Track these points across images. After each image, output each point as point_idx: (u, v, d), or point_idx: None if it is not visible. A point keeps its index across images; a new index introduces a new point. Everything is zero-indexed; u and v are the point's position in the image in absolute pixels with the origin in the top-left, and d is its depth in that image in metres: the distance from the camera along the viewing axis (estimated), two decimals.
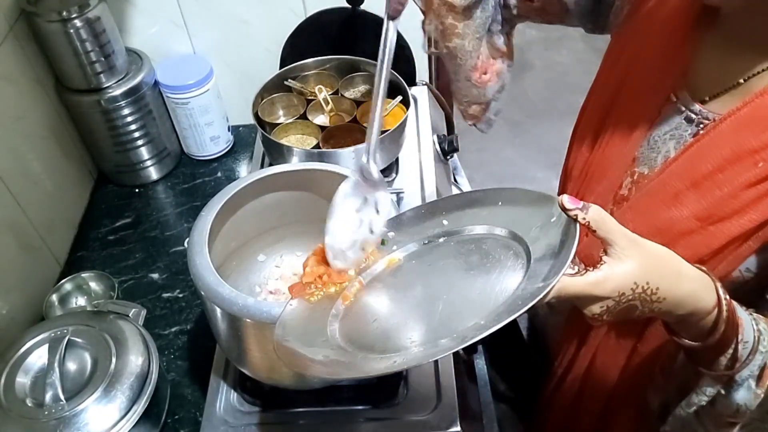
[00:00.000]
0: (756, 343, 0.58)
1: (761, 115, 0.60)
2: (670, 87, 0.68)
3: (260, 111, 1.12)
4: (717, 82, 0.65)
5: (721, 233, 0.61)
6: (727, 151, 0.61)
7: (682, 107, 0.67)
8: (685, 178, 0.64)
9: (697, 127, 0.66)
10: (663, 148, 0.69)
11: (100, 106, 1.15)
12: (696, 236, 0.63)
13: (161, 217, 1.22)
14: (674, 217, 0.64)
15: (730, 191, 0.60)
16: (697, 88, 0.67)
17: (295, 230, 0.94)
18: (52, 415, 0.76)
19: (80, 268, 1.10)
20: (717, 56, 0.66)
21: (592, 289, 0.52)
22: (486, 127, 0.97)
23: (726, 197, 0.61)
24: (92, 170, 1.29)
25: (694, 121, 0.66)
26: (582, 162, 0.78)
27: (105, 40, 1.10)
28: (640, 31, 0.72)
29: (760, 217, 0.59)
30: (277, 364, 0.76)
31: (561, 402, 0.86)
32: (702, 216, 0.62)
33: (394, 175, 1.15)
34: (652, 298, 0.54)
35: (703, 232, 0.62)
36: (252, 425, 0.81)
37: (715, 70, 0.66)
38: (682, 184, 0.64)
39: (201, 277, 0.71)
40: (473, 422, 0.88)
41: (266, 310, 0.68)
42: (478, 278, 0.58)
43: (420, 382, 0.85)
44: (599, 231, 0.53)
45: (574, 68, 2.81)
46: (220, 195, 0.81)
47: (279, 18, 1.24)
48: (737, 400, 0.60)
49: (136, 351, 0.83)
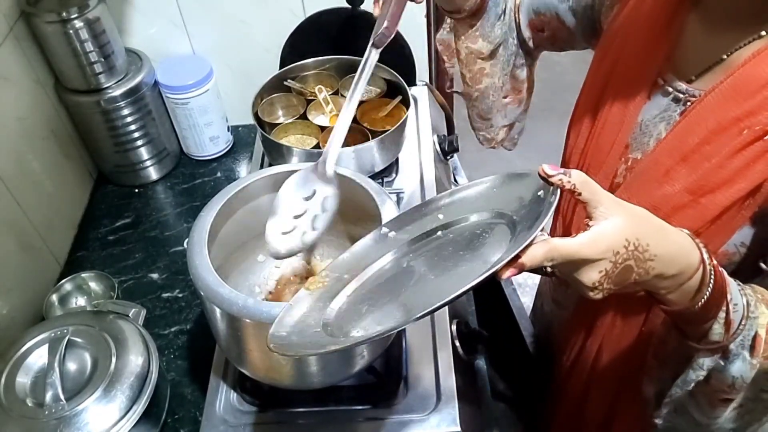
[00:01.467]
0: (745, 309, 0.58)
1: (742, 84, 0.61)
2: (657, 71, 0.69)
3: (260, 111, 1.12)
4: (702, 60, 0.66)
5: (713, 204, 0.63)
6: (712, 122, 0.62)
7: (669, 88, 0.68)
8: (674, 154, 0.65)
9: (685, 105, 0.67)
10: (654, 131, 0.70)
11: (100, 107, 1.15)
12: (689, 210, 0.64)
13: (161, 217, 1.22)
14: (667, 193, 0.65)
15: (718, 161, 0.61)
16: (682, 68, 0.68)
17: None
18: (52, 415, 0.76)
19: (80, 268, 1.10)
20: (700, 36, 0.67)
21: (586, 250, 0.52)
22: (510, 145, 1.01)
23: (714, 168, 0.62)
24: (92, 170, 1.30)
25: (681, 100, 0.67)
26: (578, 154, 0.79)
27: (105, 41, 1.10)
28: (626, 24, 0.74)
29: (749, 185, 0.60)
30: (276, 364, 0.76)
31: (570, 394, 0.88)
32: (693, 189, 0.63)
33: (394, 175, 1.15)
34: (644, 255, 0.54)
35: (695, 205, 0.64)
36: (251, 425, 0.81)
37: (699, 50, 0.67)
38: (672, 160, 0.65)
39: (200, 277, 0.71)
40: (473, 422, 0.88)
41: (266, 310, 0.68)
42: (468, 260, 0.59)
43: (420, 382, 0.85)
44: (584, 193, 0.52)
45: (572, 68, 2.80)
46: (219, 195, 0.81)
47: (279, 18, 1.24)
48: (732, 373, 0.59)
49: (136, 351, 0.83)
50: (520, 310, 1.18)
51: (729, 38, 0.64)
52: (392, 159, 1.13)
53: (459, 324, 0.95)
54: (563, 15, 0.85)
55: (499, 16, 0.86)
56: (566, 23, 0.85)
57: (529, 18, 0.89)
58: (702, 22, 0.67)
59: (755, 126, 0.59)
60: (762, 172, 0.59)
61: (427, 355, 0.88)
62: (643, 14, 0.71)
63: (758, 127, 0.59)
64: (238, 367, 0.83)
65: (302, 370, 0.76)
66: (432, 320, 0.92)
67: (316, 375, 0.76)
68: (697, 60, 0.67)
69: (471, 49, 0.86)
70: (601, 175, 0.74)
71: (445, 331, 0.91)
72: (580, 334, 0.84)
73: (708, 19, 0.66)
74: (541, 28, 0.89)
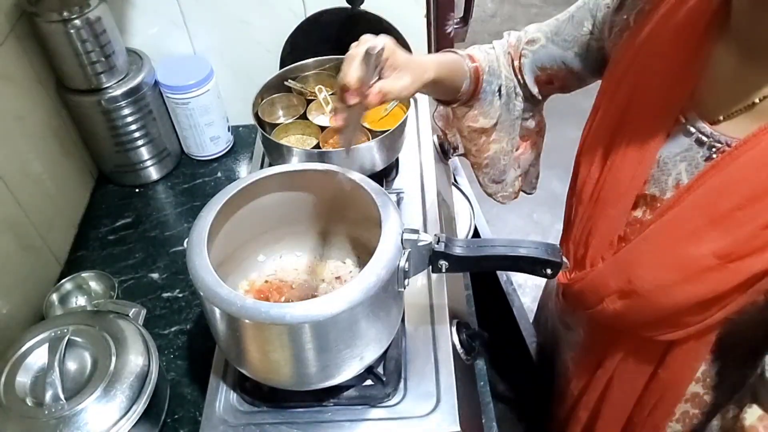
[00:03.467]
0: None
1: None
2: (679, 107, 0.66)
3: (260, 111, 1.12)
4: (729, 101, 0.63)
5: (741, 270, 0.60)
6: (746, 189, 0.59)
7: (692, 128, 0.65)
8: (703, 213, 0.62)
9: (710, 150, 0.64)
10: (674, 171, 0.67)
11: (101, 106, 1.15)
12: (716, 273, 0.62)
13: (161, 217, 1.22)
14: (693, 254, 0.63)
15: (751, 231, 0.59)
16: (708, 107, 0.65)
17: (294, 230, 0.94)
18: (52, 415, 0.76)
19: (80, 268, 1.10)
20: (729, 71, 0.63)
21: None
22: (530, 189, 0.97)
23: (747, 236, 0.59)
24: (92, 170, 1.30)
25: (705, 144, 0.64)
26: (591, 185, 0.76)
27: (105, 41, 1.10)
28: (643, 53, 0.70)
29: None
30: (275, 364, 0.76)
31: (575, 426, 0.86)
32: (722, 254, 0.61)
33: (394, 174, 1.15)
34: None
35: (722, 269, 0.61)
36: (251, 425, 0.81)
37: (727, 88, 0.63)
38: (700, 219, 0.62)
39: (200, 277, 0.71)
40: (473, 422, 0.88)
41: (264, 310, 0.68)
42: None
43: (420, 382, 0.85)
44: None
45: None
46: (219, 195, 0.81)
47: (279, 18, 1.24)
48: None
49: (136, 351, 0.83)
50: (520, 310, 1.18)
51: (761, 77, 0.60)
52: (392, 159, 1.13)
53: (459, 324, 0.95)
54: (570, 63, 0.83)
55: (495, 92, 0.83)
56: (575, 69, 0.83)
57: (535, 75, 0.86)
58: (731, 54, 0.63)
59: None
60: None
61: (427, 355, 0.88)
62: (664, 43, 0.67)
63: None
64: (237, 367, 0.82)
65: (301, 370, 0.76)
66: (432, 320, 0.92)
67: (314, 375, 0.76)
68: (725, 99, 0.63)
69: (473, 128, 0.84)
70: (618, 209, 0.71)
71: (445, 332, 0.91)
72: (589, 364, 0.81)
73: (737, 53, 0.62)
74: (549, 81, 0.87)
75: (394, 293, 0.76)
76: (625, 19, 0.73)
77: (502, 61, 0.87)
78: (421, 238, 0.73)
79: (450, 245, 0.73)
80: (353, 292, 0.69)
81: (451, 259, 0.73)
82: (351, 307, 0.68)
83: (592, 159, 0.76)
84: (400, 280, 0.74)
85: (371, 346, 0.77)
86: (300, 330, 0.69)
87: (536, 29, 0.86)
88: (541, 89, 0.88)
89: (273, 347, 0.73)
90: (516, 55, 0.87)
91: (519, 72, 0.87)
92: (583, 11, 0.80)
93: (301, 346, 0.71)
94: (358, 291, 0.69)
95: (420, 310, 0.93)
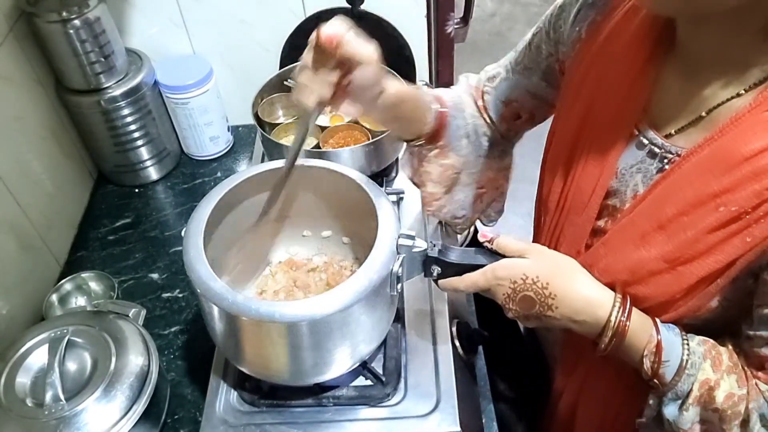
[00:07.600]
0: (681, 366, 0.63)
1: (721, 156, 0.59)
2: (633, 120, 0.68)
3: (260, 111, 1.12)
4: (680, 114, 0.65)
5: (689, 273, 0.62)
6: (690, 194, 0.61)
7: (644, 140, 0.67)
8: (651, 219, 0.64)
9: (661, 162, 0.66)
10: (631, 182, 0.69)
11: (100, 107, 1.15)
12: (666, 276, 0.64)
13: (161, 217, 1.22)
14: (643, 257, 0.65)
15: (694, 235, 0.61)
16: (660, 121, 0.66)
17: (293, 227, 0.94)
18: (52, 415, 0.76)
19: (80, 268, 1.10)
20: (677, 86, 0.65)
21: (492, 270, 0.70)
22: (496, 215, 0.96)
23: (691, 240, 0.61)
24: (92, 170, 1.30)
25: (657, 155, 0.66)
26: (557, 194, 0.77)
27: (105, 41, 1.10)
28: (597, 64, 0.71)
29: (725, 258, 0.60)
30: (272, 361, 0.77)
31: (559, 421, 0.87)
32: (669, 258, 0.63)
33: (394, 174, 1.15)
34: (544, 293, 0.67)
35: (672, 272, 0.63)
36: (251, 425, 0.81)
37: (676, 102, 0.65)
38: (649, 225, 0.64)
39: (194, 269, 0.72)
40: (473, 422, 0.88)
41: (255, 307, 0.68)
42: None
43: (420, 382, 0.85)
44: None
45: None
46: (219, 187, 0.82)
47: (279, 18, 1.24)
48: (666, 415, 0.65)
49: (136, 351, 0.83)
50: None
51: (707, 91, 0.62)
52: (392, 159, 1.13)
53: (459, 324, 0.95)
54: (535, 89, 0.83)
55: (461, 127, 0.83)
56: (541, 94, 0.83)
57: (500, 112, 0.86)
58: (678, 69, 0.65)
59: (731, 205, 0.58)
60: (738, 247, 0.59)
61: (427, 355, 0.88)
62: (616, 56, 0.69)
63: (734, 208, 0.58)
64: (234, 364, 0.83)
65: (291, 365, 0.76)
66: (432, 320, 0.92)
67: (305, 371, 0.76)
68: (675, 114, 0.65)
69: (445, 165, 0.83)
70: (584, 218, 0.73)
71: (445, 331, 0.91)
72: (569, 361, 0.83)
73: (684, 69, 0.64)
74: (516, 116, 0.86)
75: (386, 297, 0.76)
76: (578, 30, 0.74)
77: (465, 99, 0.87)
78: (416, 245, 0.72)
79: (445, 252, 0.73)
80: (345, 294, 0.69)
81: (444, 265, 0.73)
82: (341, 310, 0.69)
83: (556, 169, 0.77)
84: (392, 284, 0.74)
85: (361, 346, 0.77)
86: (291, 328, 0.70)
87: (494, 66, 0.88)
88: (510, 126, 0.88)
89: (263, 343, 0.74)
90: (478, 95, 0.88)
91: (484, 111, 0.87)
92: (538, 36, 0.80)
93: (291, 343, 0.72)
94: (349, 294, 0.69)
95: (420, 310, 0.93)
